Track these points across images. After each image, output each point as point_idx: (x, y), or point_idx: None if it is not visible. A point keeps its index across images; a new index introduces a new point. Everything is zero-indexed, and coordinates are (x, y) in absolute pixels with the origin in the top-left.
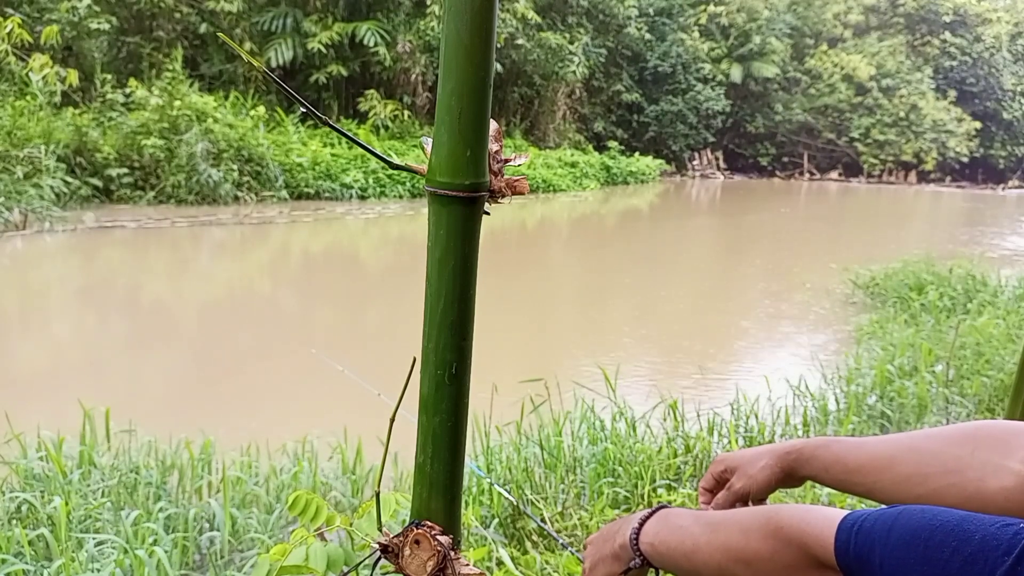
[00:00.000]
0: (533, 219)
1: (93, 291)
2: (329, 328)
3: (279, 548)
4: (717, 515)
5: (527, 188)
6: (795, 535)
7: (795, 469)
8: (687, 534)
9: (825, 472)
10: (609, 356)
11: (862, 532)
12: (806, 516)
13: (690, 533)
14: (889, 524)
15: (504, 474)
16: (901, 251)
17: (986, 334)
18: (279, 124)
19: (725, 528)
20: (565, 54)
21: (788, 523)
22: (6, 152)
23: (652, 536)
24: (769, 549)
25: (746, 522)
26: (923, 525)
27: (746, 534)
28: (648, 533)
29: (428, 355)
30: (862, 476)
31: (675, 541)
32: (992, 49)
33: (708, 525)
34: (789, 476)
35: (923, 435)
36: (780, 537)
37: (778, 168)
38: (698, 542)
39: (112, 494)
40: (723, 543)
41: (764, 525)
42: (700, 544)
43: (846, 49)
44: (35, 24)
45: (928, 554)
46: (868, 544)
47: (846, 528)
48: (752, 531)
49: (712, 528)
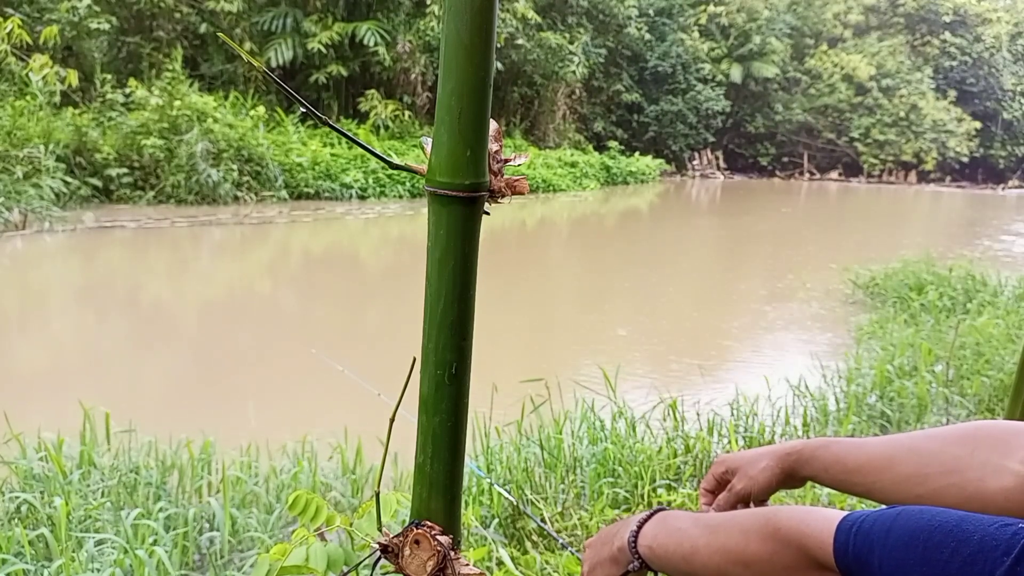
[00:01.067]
0: (533, 219)
1: (93, 291)
2: (329, 328)
3: (279, 548)
4: (716, 517)
5: (527, 188)
6: (794, 536)
7: (795, 470)
8: (686, 536)
9: (825, 472)
10: (609, 356)
11: (860, 533)
12: (805, 517)
13: (689, 535)
14: (888, 525)
15: (504, 474)
16: (901, 251)
17: (986, 334)
18: (279, 124)
19: (724, 530)
20: (565, 54)
21: (787, 524)
22: (6, 152)
23: (650, 539)
24: (768, 551)
25: (745, 524)
26: (922, 526)
27: (745, 536)
28: (646, 535)
29: (428, 355)
30: (861, 476)
31: (674, 543)
32: (992, 49)
33: (707, 527)
34: (790, 477)
35: (923, 435)
36: (779, 538)
37: (778, 168)
38: (697, 544)
39: (112, 494)
40: (722, 545)
41: (763, 527)
42: (699, 546)
43: (846, 49)
44: (35, 24)
45: (927, 555)
46: (867, 545)
47: (845, 529)
48: (751, 533)
49: (711, 530)
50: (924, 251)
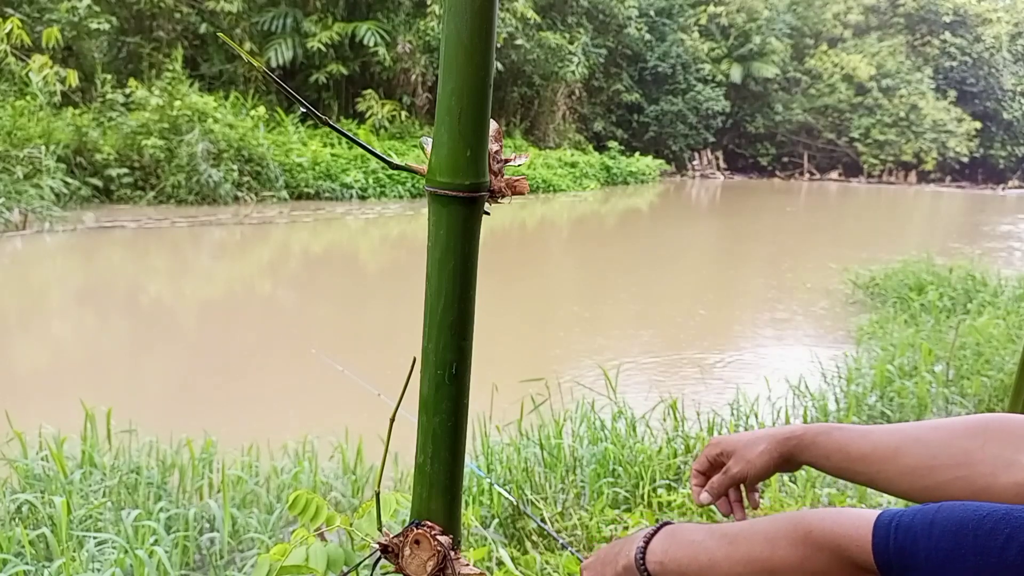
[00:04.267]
0: (533, 219)
1: (93, 291)
2: (329, 328)
3: (279, 548)
4: (734, 527)
5: (527, 188)
6: (827, 538)
7: (794, 455)
8: (701, 549)
9: (826, 459)
10: (609, 356)
11: (901, 528)
12: (837, 518)
13: (705, 548)
14: (930, 518)
15: (504, 474)
16: (901, 251)
17: (986, 334)
18: (279, 124)
19: (745, 539)
20: (565, 54)
21: (819, 527)
22: (6, 152)
23: (660, 554)
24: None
25: (770, 531)
26: (968, 516)
27: (771, 543)
28: (655, 551)
29: (428, 355)
30: (865, 465)
31: (687, 557)
32: (992, 49)
33: (724, 537)
34: (787, 461)
35: (929, 426)
36: (810, 542)
37: (778, 168)
38: (715, 556)
39: (113, 494)
40: (745, 555)
41: (792, 532)
42: (717, 558)
43: (846, 49)
44: (35, 24)
45: (979, 543)
46: (910, 539)
47: (883, 525)
48: (778, 539)
49: (730, 540)
50: (924, 251)
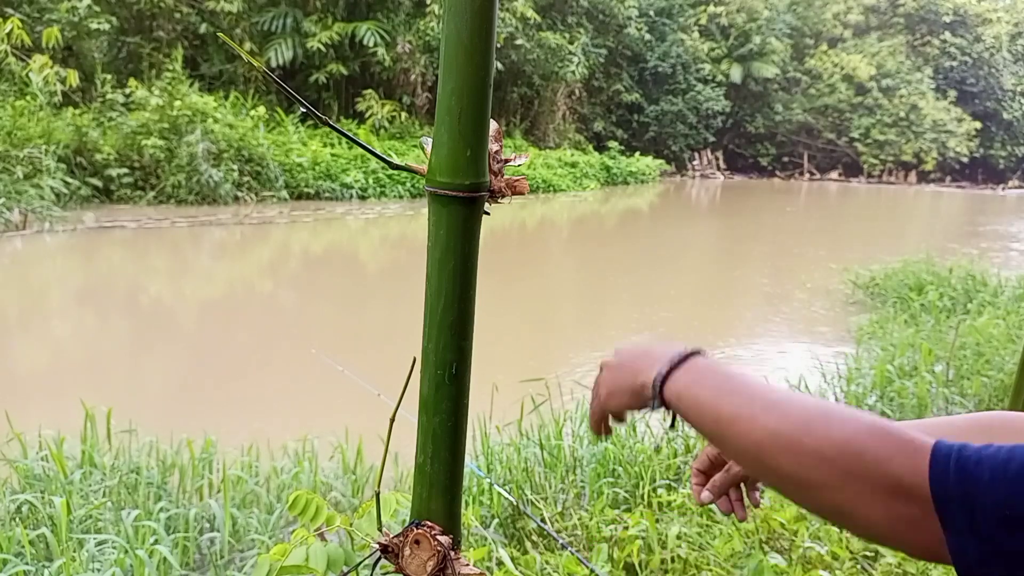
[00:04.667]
0: (533, 219)
1: (93, 291)
2: (329, 328)
3: (279, 548)
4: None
5: (527, 188)
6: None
7: None
8: (729, 400)
9: None
10: (609, 356)
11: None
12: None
13: (732, 401)
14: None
15: (504, 474)
16: (901, 251)
17: (986, 334)
18: (279, 124)
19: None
20: (565, 54)
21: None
22: (6, 152)
23: (682, 387)
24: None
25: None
26: None
27: (808, 426)
28: (678, 381)
29: (428, 355)
30: None
31: (710, 402)
32: (992, 49)
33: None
34: None
35: (932, 423)
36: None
37: (778, 168)
38: (740, 413)
39: (113, 494)
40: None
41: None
42: (741, 416)
43: (846, 49)
44: (35, 24)
45: None
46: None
47: (942, 454)
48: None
49: (765, 406)
50: (924, 251)
